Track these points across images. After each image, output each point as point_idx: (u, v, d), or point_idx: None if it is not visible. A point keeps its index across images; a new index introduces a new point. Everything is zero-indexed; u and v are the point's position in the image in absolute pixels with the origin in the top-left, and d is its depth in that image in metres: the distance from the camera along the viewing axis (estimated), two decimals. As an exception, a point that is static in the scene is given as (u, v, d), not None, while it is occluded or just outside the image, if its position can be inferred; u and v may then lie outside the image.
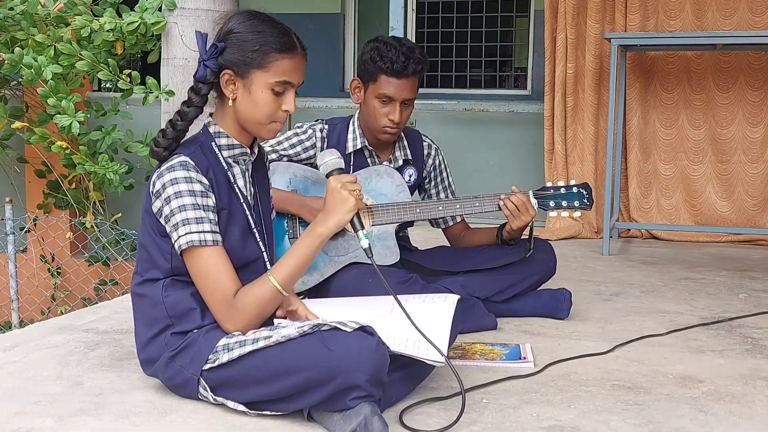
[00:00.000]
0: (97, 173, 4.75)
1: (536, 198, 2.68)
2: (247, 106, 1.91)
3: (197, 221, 1.84)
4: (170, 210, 1.85)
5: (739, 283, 3.56)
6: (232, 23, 1.91)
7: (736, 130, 4.74)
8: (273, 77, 1.88)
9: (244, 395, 1.81)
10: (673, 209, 4.85)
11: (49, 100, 4.51)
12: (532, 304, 2.82)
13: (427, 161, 2.89)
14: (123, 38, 4.40)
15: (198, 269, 1.86)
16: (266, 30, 1.89)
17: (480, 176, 5.30)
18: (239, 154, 1.98)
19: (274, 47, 1.88)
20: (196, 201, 1.85)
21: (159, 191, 1.87)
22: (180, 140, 1.92)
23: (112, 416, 1.84)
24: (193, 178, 1.86)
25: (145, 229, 1.94)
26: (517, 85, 6.37)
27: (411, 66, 2.60)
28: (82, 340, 2.46)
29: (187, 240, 1.84)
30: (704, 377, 2.21)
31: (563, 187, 2.73)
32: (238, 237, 1.94)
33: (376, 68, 2.61)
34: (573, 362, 2.32)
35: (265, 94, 1.89)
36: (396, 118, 2.64)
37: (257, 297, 1.86)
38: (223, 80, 1.90)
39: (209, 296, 1.87)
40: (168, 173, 1.86)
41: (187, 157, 1.87)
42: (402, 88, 2.62)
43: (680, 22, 4.74)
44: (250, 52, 1.87)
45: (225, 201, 1.92)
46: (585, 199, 2.72)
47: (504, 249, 2.80)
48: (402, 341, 1.86)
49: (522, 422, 1.86)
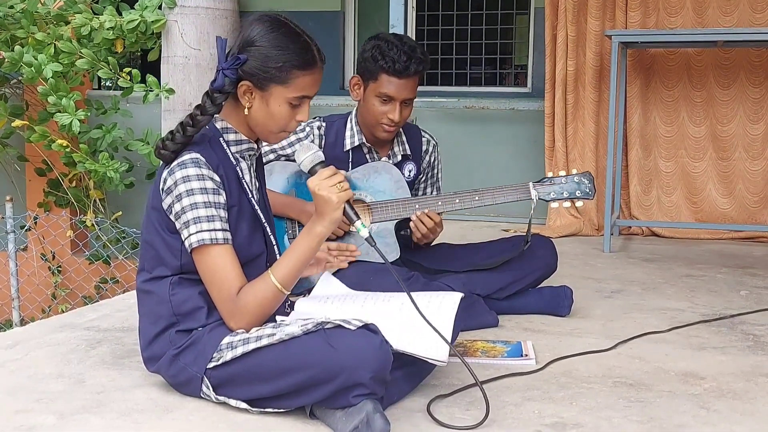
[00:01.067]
0: (98, 171, 4.76)
1: (536, 189, 2.66)
2: (262, 115, 1.91)
3: (208, 219, 1.84)
4: (181, 207, 1.85)
5: (740, 280, 3.56)
6: (254, 34, 1.88)
7: (737, 127, 4.73)
8: (293, 93, 1.89)
9: (247, 393, 1.81)
10: (674, 206, 4.84)
11: (49, 98, 4.52)
12: (534, 302, 2.82)
13: (425, 157, 2.89)
14: (123, 36, 4.41)
15: (207, 267, 1.86)
16: (289, 46, 1.87)
17: (481, 174, 5.30)
18: (246, 149, 1.98)
19: (296, 65, 1.87)
20: (208, 199, 1.85)
21: (170, 188, 1.86)
22: (188, 145, 1.91)
23: (113, 414, 1.84)
24: (205, 176, 1.85)
25: (151, 226, 1.93)
26: (518, 83, 6.36)
27: (413, 66, 2.60)
28: (84, 338, 2.46)
29: (198, 239, 1.84)
30: (706, 374, 2.21)
31: (564, 176, 2.69)
32: (247, 233, 1.94)
33: (378, 67, 2.61)
34: (575, 359, 2.32)
35: (282, 108, 1.90)
36: (395, 117, 2.63)
37: (258, 297, 1.86)
38: (241, 90, 1.90)
39: (216, 294, 1.87)
40: (179, 170, 1.86)
41: (198, 154, 1.87)
42: (403, 88, 2.62)
43: (681, 19, 4.74)
44: (273, 69, 1.86)
45: (235, 197, 1.92)
46: (587, 188, 2.68)
47: (504, 250, 2.80)
48: (405, 340, 1.86)
49: (524, 419, 1.86)
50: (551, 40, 4.93)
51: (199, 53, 3.86)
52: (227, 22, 4.02)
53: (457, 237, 4.05)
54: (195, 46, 3.86)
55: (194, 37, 3.86)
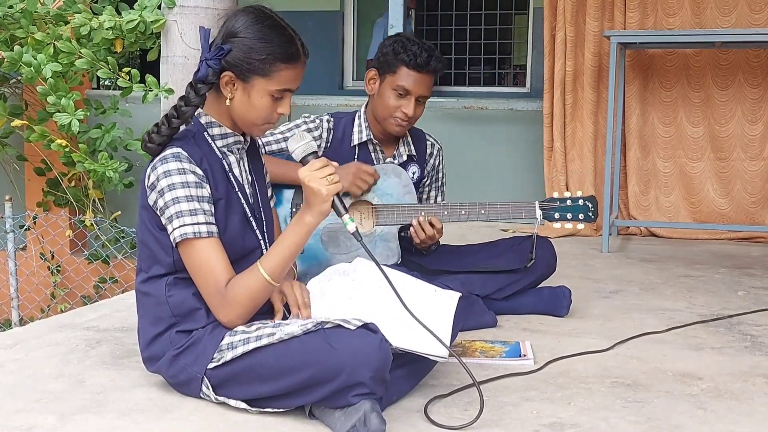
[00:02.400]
0: (97, 171, 4.75)
1: (542, 209, 2.70)
2: (244, 108, 1.91)
3: (191, 213, 1.84)
4: (164, 203, 1.85)
5: (738, 280, 3.57)
6: (238, 25, 1.89)
7: (735, 128, 4.74)
8: (275, 86, 1.89)
9: (246, 392, 1.82)
10: (672, 207, 4.85)
11: (48, 98, 4.51)
12: (532, 302, 2.83)
13: (429, 160, 2.90)
14: (122, 36, 4.40)
15: (192, 260, 1.86)
16: (273, 39, 1.88)
17: (479, 174, 5.31)
18: (233, 143, 1.98)
19: (279, 58, 1.87)
20: (190, 193, 1.84)
21: (153, 184, 1.87)
22: (173, 137, 1.91)
23: (113, 414, 1.84)
24: (186, 170, 1.85)
25: (143, 225, 1.93)
26: (517, 83, 6.37)
27: (433, 63, 2.65)
28: (83, 338, 2.46)
29: (181, 233, 1.84)
30: (703, 374, 2.22)
31: (569, 198, 2.73)
32: (239, 228, 1.94)
33: (398, 60, 2.64)
34: (573, 359, 2.33)
35: (264, 100, 1.90)
36: (410, 112, 2.65)
37: (246, 288, 1.85)
38: (223, 81, 1.90)
39: (203, 287, 1.87)
40: (161, 165, 1.86)
41: (180, 148, 1.87)
42: (420, 83, 2.65)
43: (679, 20, 4.75)
44: (256, 61, 1.86)
45: (222, 191, 1.92)
46: (590, 212, 2.73)
47: (504, 251, 2.81)
48: (405, 337, 1.87)
49: (522, 419, 1.86)
50: (550, 40, 4.93)
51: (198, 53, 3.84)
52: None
53: (456, 237, 4.05)
54: (194, 46, 3.85)
55: (194, 37, 3.85)
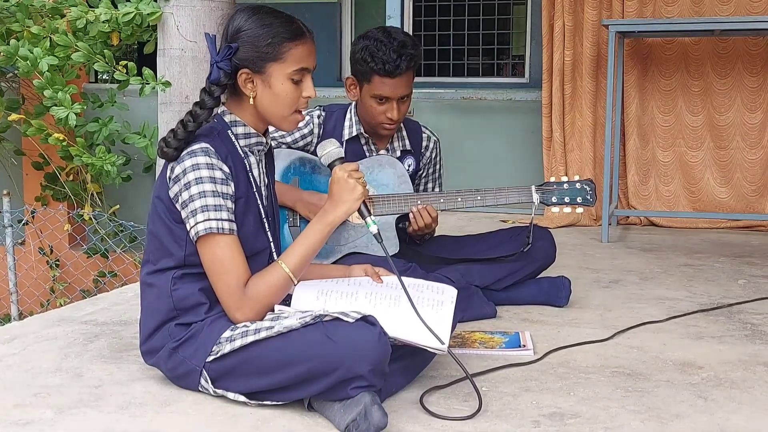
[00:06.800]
0: (95, 165, 4.75)
1: (538, 193, 2.67)
2: (269, 100, 1.91)
3: (216, 208, 1.83)
4: (189, 195, 1.84)
5: (738, 269, 3.57)
6: (238, 22, 1.90)
7: (735, 116, 4.73)
8: (290, 66, 1.89)
9: (245, 385, 1.81)
10: (672, 196, 4.85)
11: (45, 92, 4.50)
12: (532, 292, 2.82)
13: (425, 153, 2.89)
14: (119, 29, 4.39)
15: (213, 256, 1.85)
16: (274, 22, 1.89)
17: (478, 165, 5.30)
18: (255, 143, 1.97)
19: (286, 37, 1.88)
20: (216, 188, 1.84)
21: (179, 176, 1.85)
22: (189, 141, 1.90)
23: (112, 407, 1.84)
24: (215, 165, 1.85)
25: (156, 216, 1.92)
26: (515, 73, 6.35)
27: (403, 64, 2.58)
28: (82, 332, 2.46)
29: (205, 227, 1.83)
30: (704, 363, 2.21)
31: (566, 182, 2.70)
32: (253, 227, 1.94)
33: (369, 69, 2.59)
34: (573, 349, 2.32)
35: (285, 86, 1.90)
36: (394, 116, 2.63)
37: (269, 284, 1.87)
38: (241, 80, 1.90)
39: (221, 285, 1.86)
40: (189, 158, 1.85)
41: (208, 144, 1.87)
42: (397, 87, 2.60)
43: (678, 8, 4.73)
44: (264, 47, 1.87)
45: (243, 190, 1.92)
46: (588, 195, 2.70)
47: (503, 241, 2.80)
48: (404, 329, 1.86)
49: (522, 410, 1.86)
50: (548, 30, 4.92)
51: (195, 45, 3.84)
52: (223, 14, 4.01)
53: (456, 228, 4.05)
54: (191, 38, 3.84)
55: (190, 30, 3.84)
